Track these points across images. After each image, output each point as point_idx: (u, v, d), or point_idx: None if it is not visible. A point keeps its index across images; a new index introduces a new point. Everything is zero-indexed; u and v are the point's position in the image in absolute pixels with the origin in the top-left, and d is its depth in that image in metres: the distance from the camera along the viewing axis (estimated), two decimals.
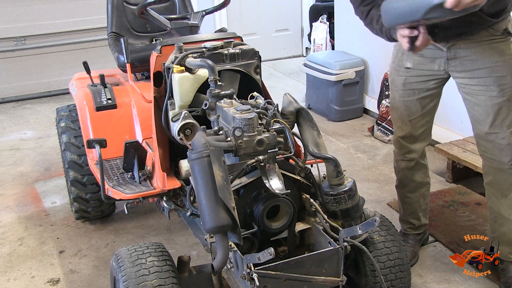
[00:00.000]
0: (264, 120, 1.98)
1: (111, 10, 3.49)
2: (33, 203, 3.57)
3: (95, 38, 5.77)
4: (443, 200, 3.34)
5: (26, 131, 4.90)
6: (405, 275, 2.06)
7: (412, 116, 2.51)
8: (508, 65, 2.22)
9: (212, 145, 1.76)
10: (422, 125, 2.53)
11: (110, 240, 3.11)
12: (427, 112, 2.50)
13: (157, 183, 2.41)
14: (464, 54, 2.25)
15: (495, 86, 2.22)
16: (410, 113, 2.50)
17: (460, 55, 2.26)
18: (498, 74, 2.22)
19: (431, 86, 2.42)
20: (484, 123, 2.31)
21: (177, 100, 2.25)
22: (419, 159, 2.63)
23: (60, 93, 5.77)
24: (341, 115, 4.84)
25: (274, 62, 6.88)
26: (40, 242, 3.11)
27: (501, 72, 2.22)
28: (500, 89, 2.22)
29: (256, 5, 6.79)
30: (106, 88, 2.97)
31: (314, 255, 1.79)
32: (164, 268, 1.83)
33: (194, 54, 2.23)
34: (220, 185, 1.67)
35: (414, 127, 2.53)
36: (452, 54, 2.28)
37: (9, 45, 5.57)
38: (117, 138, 2.77)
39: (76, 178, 2.97)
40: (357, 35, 4.89)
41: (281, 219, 1.91)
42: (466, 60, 2.25)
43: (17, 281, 2.77)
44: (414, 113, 2.50)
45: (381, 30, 2.24)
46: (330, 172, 1.93)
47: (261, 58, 2.42)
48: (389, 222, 2.14)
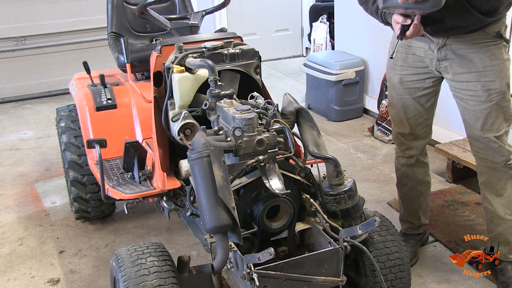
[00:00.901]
0: (264, 120, 1.98)
1: (111, 10, 3.49)
2: (33, 203, 3.57)
3: (95, 38, 5.78)
4: (443, 200, 3.34)
5: (26, 131, 4.90)
6: (405, 275, 2.05)
7: (409, 115, 2.51)
8: (498, 69, 2.21)
9: (212, 145, 1.76)
10: (421, 123, 2.54)
11: (110, 240, 3.11)
12: (425, 110, 2.50)
13: (157, 183, 2.41)
14: (454, 56, 2.25)
15: (482, 91, 2.22)
16: (408, 111, 2.50)
17: (450, 56, 2.26)
18: (487, 79, 2.21)
19: (427, 85, 2.43)
20: (475, 127, 2.32)
21: (177, 100, 2.25)
22: (420, 157, 2.63)
23: (60, 93, 5.77)
24: (341, 115, 4.84)
25: (274, 62, 6.88)
26: (40, 242, 3.11)
27: (490, 77, 2.21)
28: (488, 94, 2.22)
29: (256, 5, 6.79)
30: (106, 88, 2.97)
31: (314, 255, 1.79)
32: (164, 268, 1.83)
33: (194, 54, 2.23)
34: (220, 185, 1.67)
35: (412, 125, 2.53)
36: (443, 55, 2.28)
37: (9, 45, 5.57)
38: (117, 138, 2.77)
39: (76, 178, 2.97)
40: (357, 35, 4.89)
41: (281, 219, 1.91)
42: (455, 63, 2.25)
43: (17, 281, 2.77)
44: (412, 112, 2.50)
45: (376, 11, 2.24)
46: (330, 172, 1.93)
47: (261, 58, 2.42)
48: (389, 222, 2.14)
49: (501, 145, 2.30)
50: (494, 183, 2.41)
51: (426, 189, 2.73)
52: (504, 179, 2.38)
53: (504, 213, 2.43)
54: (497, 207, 2.43)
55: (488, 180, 2.42)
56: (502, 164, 2.33)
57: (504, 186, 2.39)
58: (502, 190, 2.40)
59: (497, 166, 2.35)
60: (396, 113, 2.55)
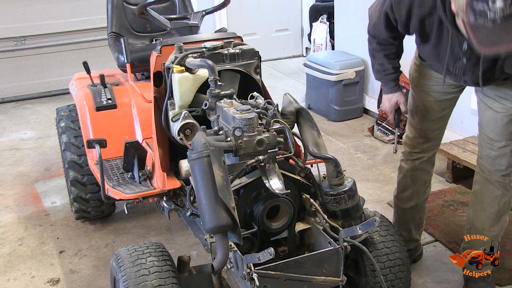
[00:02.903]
0: (264, 120, 1.98)
1: (111, 10, 3.49)
2: (33, 203, 3.57)
3: (95, 38, 5.77)
4: (443, 200, 3.34)
5: (26, 131, 4.89)
6: (405, 275, 2.06)
7: (430, 118, 2.43)
8: None
9: (212, 145, 1.76)
10: (437, 129, 2.48)
11: (110, 240, 3.11)
12: (444, 116, 2.45)
13: (157, 183, 2.41)
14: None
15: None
16: (428, 114, 2.43)
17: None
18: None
19: (451, 90, 2.37)
20: (490, 129, 2.25)
21: (177, 100, 2.25)
22: (425, 165, 2.55)
23: (60, 93, 5.76)
24: (341, 115, 4.84)
25: (274, 62, 6.88)
26: (40, 242, 3.11)
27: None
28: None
29: (256, 5, 6.79)
30: (106, 88, 2.97)
31: (314, 255, 1.79)
32: (164, 268, 1.83)
33: (194, 54, 2.23)
34: (220, 185, 1.67)
35: (428, 129, 2.47)
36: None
37: (9, 45, 5.57)
38: (117, 138, 2.77)
39: (76, 178, 2.97)
40: (357, 35, 4.88)
41: (281, 219, 1.91)
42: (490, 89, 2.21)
43: (17, 281, 2.77)
44: (432, 115, 2.43)
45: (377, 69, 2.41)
46: (330, 172, 1.93)
47: (261, 58, 2.43)
48: (389, 222, 2.15)
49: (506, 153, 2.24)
50: (484, 196, 2.36)
51: (422, 202, 2.65)
52: (494, 195, 2.33)
53: (481, 228, 2.39)
54: (478, 221, 2.40)
55: (479, 191, 2.38)
56: (498, 176, 2.28)
57: (492, 202, 2.34)
58: (488, 205, 2.36)
59: (492, 178, 2.30)
60: (417, 114, 2.46)
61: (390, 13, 2.14)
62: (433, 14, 1.99)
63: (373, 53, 2.41)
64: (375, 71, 2.47)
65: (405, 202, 2.64)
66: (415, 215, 2.66)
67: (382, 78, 2.44)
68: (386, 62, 2.38)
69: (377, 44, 2.36)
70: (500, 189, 2.31)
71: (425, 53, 2.26)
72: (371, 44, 2.40)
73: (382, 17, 2.19)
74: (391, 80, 2.42)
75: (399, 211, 2.70)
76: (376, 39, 2.35)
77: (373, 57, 2.43)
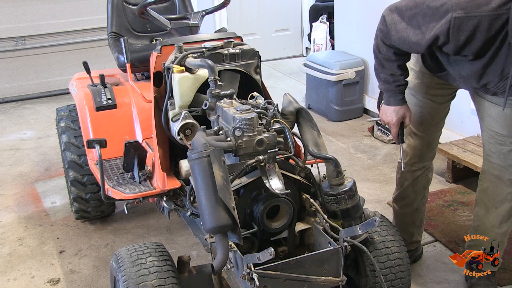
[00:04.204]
0: (264, 120, 1.98)
1: (111, 10, 3.49)
2: (33, 203, 3.57)
3: (95, 38, 5.77)
4: (443, 200, 3.34)
5: (26, 131, 4.90)
6: (405, 275, 2.05)
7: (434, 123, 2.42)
8: None
9: (212, 145, 1.76)
10: (438, 134, 2.48)
11: (110, 240, 3.11)
12: (444, 118, 2.45)
13: (157, 183, 2.41)
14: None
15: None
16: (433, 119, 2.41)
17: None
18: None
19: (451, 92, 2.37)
20: (499, 125, 2.20)
21: (177, 100, 2.25)
22: (427, 173, 2.54)
23: (60, 93, 5.77)
24: (341, 115, 4.84)
25: (274, 62, 6.88)
26: (40, 242, 3.11)
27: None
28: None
29: (256, 5, 6.79)
30: (106, 88, 2.97)
31: (314, 255, 1.79)
32: (164, 268, 1.83)
33: (194, 54, 2.23)
34: (220, 185, 1.67)
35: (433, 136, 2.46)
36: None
37: (9, 45, 5.57)
38: (117, 138, 2.77)
39: (76, 178, 2.97)
40: (357, 35, 4.89)
41: (281, 219, 1.91)
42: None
43: (17, 281, 2.77)
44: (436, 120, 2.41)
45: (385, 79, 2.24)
46: (330, 172, 1.93)
47: (261, 58, 2.42)
48: (389, 222, 2.15)
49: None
50: (494, 195, 2.34)
51: (422, 205, 2.65)
52: (506, 192, 2.31)
53: (491, 226, 2.38)
54: (487, 218, 2.38)
55: (489, 188, 2.36)
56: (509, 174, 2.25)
57: (503, 200, 2.33)
58: (500, 203, 2.34)
59: (504, 177, 2.28)
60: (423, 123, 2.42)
61: (442, 37, 1.89)
62: (498, 35, 1.85)
63: (383, 63, 2.17)
64: (382, 81, 2.25)
65: (405, 207, 2.64)
66: (415, 219, 2.66)
67: (391, 89, 2.22)
68: (398, 73, 2.17)
69: (394, 54, 2.12)
70: (510, 187, 2.30)
71: (462, 72, 2.05)
72: (383, 52, 2.14)
73: (429, 39, 1.92)
74: (400, 92, 2.23)
75: (399, 216, 2.70)
76: (393, 49, 2.10)
77: (382, 67, 2.19)
